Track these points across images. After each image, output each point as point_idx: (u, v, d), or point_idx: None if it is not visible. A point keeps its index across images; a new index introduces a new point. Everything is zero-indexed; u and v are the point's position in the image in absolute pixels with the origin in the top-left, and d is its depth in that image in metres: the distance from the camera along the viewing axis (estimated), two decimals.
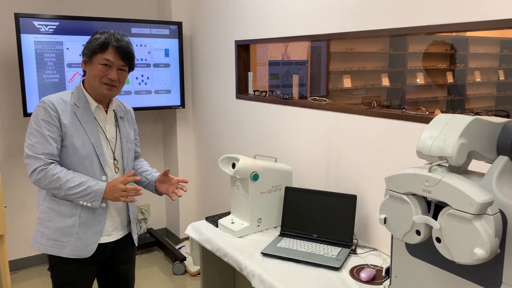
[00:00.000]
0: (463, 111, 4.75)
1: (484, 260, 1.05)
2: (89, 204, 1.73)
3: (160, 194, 1.99)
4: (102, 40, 1.72)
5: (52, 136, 1.70)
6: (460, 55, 5.10)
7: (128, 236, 1.97)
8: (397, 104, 4.50)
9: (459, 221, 1.08)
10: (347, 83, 4.58)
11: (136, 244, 2.00)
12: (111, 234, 1.86)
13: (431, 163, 1.16)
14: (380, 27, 1.94)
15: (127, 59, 1.77)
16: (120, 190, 1.72)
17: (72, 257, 1.77)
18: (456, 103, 4.72)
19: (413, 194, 1.19)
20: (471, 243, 1.06)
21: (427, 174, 1.14)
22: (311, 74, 4.21)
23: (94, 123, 1.79)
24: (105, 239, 1.84)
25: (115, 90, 1.79)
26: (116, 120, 1.89)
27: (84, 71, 1.81)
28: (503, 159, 1.17)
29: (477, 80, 5.40)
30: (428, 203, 1.21)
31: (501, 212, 1.10)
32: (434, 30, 1.72)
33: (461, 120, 1.14)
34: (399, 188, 1.22)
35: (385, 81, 4.89)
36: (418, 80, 4.95)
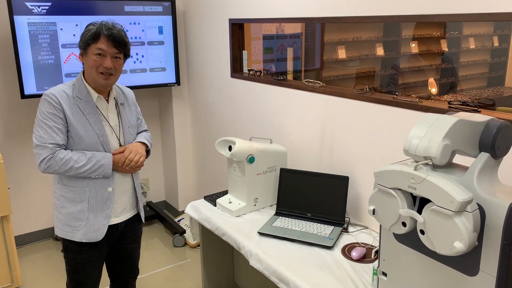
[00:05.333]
0: (456, 79, 4.79)
1: (462, 253, 1.14)
2: (100, 176, 1.85)
3: None
4: (94, 30, 1.77)
5: (58, 127, 1.78)
6: (455, 22, 5.08)
7: (136, 216, 2.07)
8: (391, 74, 4.53)
9: (441, 216, 1.16)
10: (341, 54, 4.58)
11: (143, 221, 2.12)
12: (119, 215, 1.97)
13: (417, 161, 1.24)
14: (374, 14, 1.96)
15: (120, 46, 1.81)
16: (130, 166, 1.92)
17: (84, 241, 1.89)
18: (450, 70, 4.75)
19: (400, 189, 1.28)
20: (452, 237, 1.15)
21: (412, 172, 1.21)
22: (306, 46, 4.21)
23: (97, 113, 1.86)
24: (114, 221, 1.95)
25: (112, 78, 1.84)
26: (117, 107, 1.95)
27: (83, 63, 1.85)
28: (484, 156, 1.24)
29: (471, 47, 5.40)
30: (413, 196, 1.30)
31: (480, 207, 1.18)
32: (427, 20, 1.75)
33: (446, 121, 1.21)
34: (387, 183, 1.30)
35: (380, 51, 4.89)
36: (413, 45, 4.95)
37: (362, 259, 1.86)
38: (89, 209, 1.87)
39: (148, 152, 2.05)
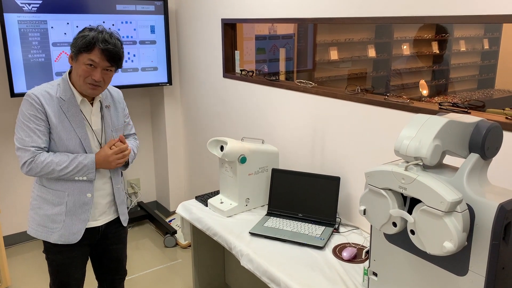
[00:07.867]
0: (447, 80, 4.82)
1: (452, 253, 1.15)
2: (85, 178, 1.80)
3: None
4: (89, 39, 1.68)
5: (40, 129, 1.73)
6: (446, 24, 5.12)
7: (118, 218, 2.04)
8: (384, 75, 4.55)
9: (431, 216, 1.17)
10: (333, 55, 4.59)
11: (125, 225, 2.07)
12: (98, 219, 1.93)
13: (408, 162, 1.25)
14: (366, 15, 1.97)
15: (114, 61, 1.74)
16: (114, 159, 1.82)
17: (59, 243, 1.85)
18: (441, 72, 4.78)
19: (390, 190, 1.28)
20: (441, 237, 1.16)
21: (403, 173, 1.22)
22: (298, 47, 4.22)
23: (80, 116, 1.81)
24: (92, 224, 1.91)
25: (99, 90, 1.79)
26: (102, 111, 1.90)
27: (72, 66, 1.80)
28: (474, 157, 1.25)
29: (462, 49, 5.45)
30: (404, 197, 1.30)
31: (470, 207, 1.19)
32: (419, 21, 1.76)
33: (436, 122, 1.21)
34: (377, 183, 1.30)
35: (372, 52, 4.92)
36: (404, 47, 4.98)
37: (353, 259, 1.87)
38: (66, 212, 1.83)
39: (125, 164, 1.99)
